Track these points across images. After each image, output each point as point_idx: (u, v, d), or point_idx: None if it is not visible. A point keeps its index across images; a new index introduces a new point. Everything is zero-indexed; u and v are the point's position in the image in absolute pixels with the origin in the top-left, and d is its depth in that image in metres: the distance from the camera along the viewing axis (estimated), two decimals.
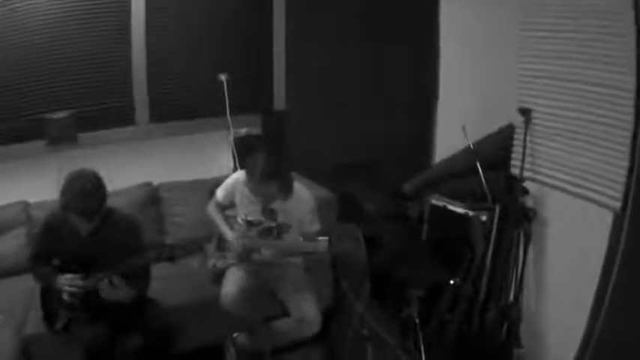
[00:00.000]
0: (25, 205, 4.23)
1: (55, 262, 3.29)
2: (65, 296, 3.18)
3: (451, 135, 4.39)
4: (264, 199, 3.48)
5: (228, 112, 4.67)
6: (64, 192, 3.07)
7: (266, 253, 3.55)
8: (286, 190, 3.47)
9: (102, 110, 4.53)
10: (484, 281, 3.85)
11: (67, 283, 3.16)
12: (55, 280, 3.20)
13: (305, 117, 5.04)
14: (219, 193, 3.71)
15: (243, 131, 4.86)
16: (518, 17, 3.78)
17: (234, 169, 4.61)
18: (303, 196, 3.57)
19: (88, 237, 3.23)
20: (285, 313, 3.63)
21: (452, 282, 3.78)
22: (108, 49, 4.47)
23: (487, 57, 4.36)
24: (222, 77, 4.67)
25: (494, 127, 4.07)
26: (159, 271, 3.46)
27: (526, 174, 3.70)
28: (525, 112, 3.65)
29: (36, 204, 4.24)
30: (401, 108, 5.12)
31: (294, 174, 3.73)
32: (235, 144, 4.71)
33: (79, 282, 3.16)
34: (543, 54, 3.58)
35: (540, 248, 3.77)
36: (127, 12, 4.46)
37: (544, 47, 3.57)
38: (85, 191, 3.05)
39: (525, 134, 3.65)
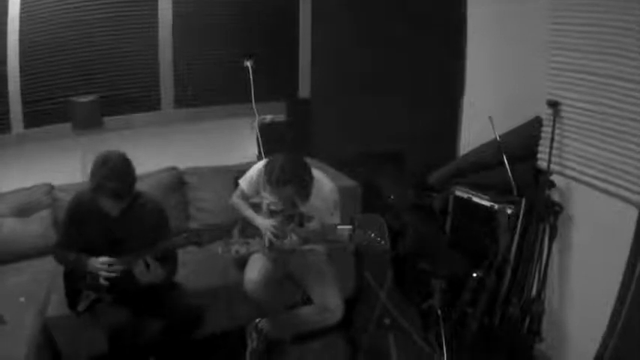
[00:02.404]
0: (50, 188, 4.37)
1: (82, 244, 3.39)
2: (101, 279, 3.29)
3: (477, 127, 4.50)
4: (282, 201, 3.61)
5: (253, 99, 4.82)
6: (94, 173, 3.17)
7: (289, 241, 3.67)
8: (303, 195, 3.55)
9: (128, 95, 4.67)
10: (507, 275, 3.92)
11: (103, 266, 3.28)
12: (86, 262, 3.31)
13: (330, 105, 5.12)
14: (244, 183, 3.82)
15: (267, 118, 4.99)
16: (546, 9, 3.80)
17: (259, 156, 4.79)
18: (325, 191, 3.68)
19: (118, 218, 3.32)
20: (308, 301, 3.75)
21: (475, 275, 3.84)
22: (134, 34, 4.60)
23: (514, 49, 4.38)
24: (248, 63, 4.81)
25: (520, 120, 4.10)
26: (183, 255, 3.59)
27: (553, 167, 3.72)
28: (554, 105, 3.67)
29: (61, 186, 4.38)
30: (427, 98, 5.17)
31: (317, 163, 3.86)
32: (260, 131, 4.86)
33: (116, 265, 3.28)
34: (573, 47, 3.59)
35: (565, 242, 3.79)
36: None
37: (574, 41, 3.58)
38: (116, 172, 3.15)
39: (553, 127, 3.66)
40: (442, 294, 3.92)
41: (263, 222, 3.75)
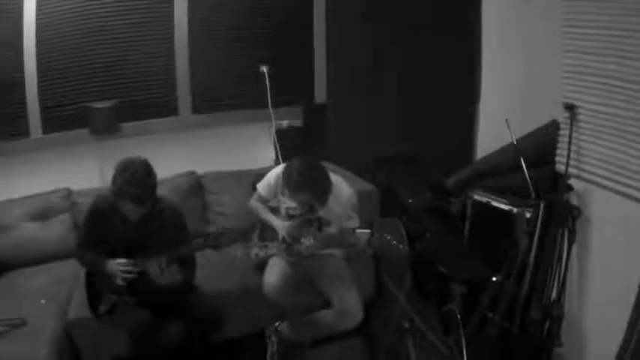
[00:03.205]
0: (69, 192, 4.48)
1: (103, 247, 3.47)
2: (119, 280, 3.37)
3: (493, 130, 4.51)
4: (300, 206, 3.68)
5: (269, 104, 4.89)
6: (116, 178, 3.24)
7: (307, 245, 3.75)
8: (321, 199, 3.61)
9: (145, 100, 4.76)
10: (527, 279, 3.87)
11: (120, 267, 3.36)
12: (105, 264, 3.39)
13: (346, 110, 5.18)
14: (262, 187, 3.91)
15: (284, 123, 5.07)
16: (560, 13, 3.82)
17: (276, 161, 4.86)
18: (344, 195, 3.75)
19: (138, 223, 3.40)
20: (327, 304, 3.79)
21: (494, 279, 3.84)
22: (151, 40, 4.69)
23: (530, 51, 4.41)
24: (264, 69, 4.89)
25: (536, 124, 4.12)
26: (203, 258, 3.66)
27: (571, 170, 3.72)
28: (570, 108, 3.69)
29: (79, 191, 4.48)
30: (443, 102, 5.20)
31: (334, 167, 3.91)
32: (277, 136, 4.93)
33: (132, 267, 3.36)
34: (588, 50, 3.61)
35: (584, 246, 3.79)
36: (170, 4, 4.67)
37: (588, 43, 3.60)
38: (137, 178, 3.22)
39: (571, 130, 3.68)
40: (461, 298, 3.96)
41: (280, 223, 3.82)
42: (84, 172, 4.60)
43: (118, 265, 3.37)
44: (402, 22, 5.11)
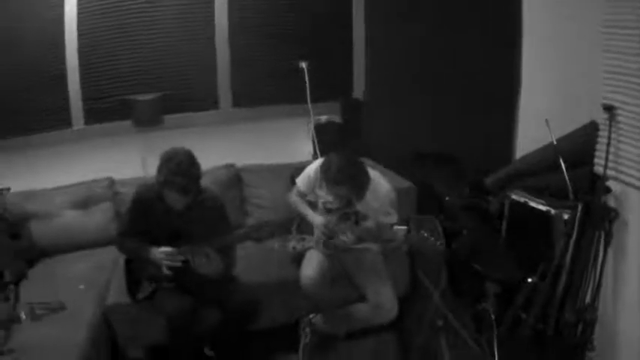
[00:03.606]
0: (111, 182, 4.60)
1: (145, 235, 3.56)
2: (164, 269, 3.46)
3: (533, 130, 4.49)
4: (337, 199, 3.71)
5: (308, 99, 4.95)
6: (161, 169, 3.33)
7: (344, 238, 3.79)
8: (358, 193, 3.64)
9: (187, 94, 4.88)
10: (562, 281, 3.84)
11: (163, 256, 3.45)
12: (148, 252, 3.48)
13: (384, 106, 5.21)
14: (301, 182, 3.94)
15: (323, 118, 5.13)
16: (601, 12, 3.78)
17: (314, 156, 4.91)
18: (382, 191, 3.77)
19: (182, 212, 3.48)
20: (362, 299, 3.82)
21: (529, 280, 3.84)
22: (193, 35, 4.82)
23: (570, 51, 4.38)
24: (303, 65, 4.95)
25: (576, 124, 4.10)
26: (241, 250, 3.72)
27: (609, 173, 3.69)
28: (610, 109, 3.65)
29: (121, 181, 4.60)
30: (482, 100, 5.18)
31: (372, 163, 3.95)
32: (315, 131, 4.98)
33: (177, 255, 3.44)
34: (628, 50, 3.56)
35: (620, 250, 3.75)
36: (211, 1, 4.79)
37: (628, 44, 3.55)
38: (183, 168, 3.31)
39: (610, 132, 3.63)
40: (496, 297, 3.94)
41: (317, 217, 3.87)
42: (126, 162, 4.73)
43: (162, 254, 3.45)
44: (441, 20, 5.12)
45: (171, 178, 3.30)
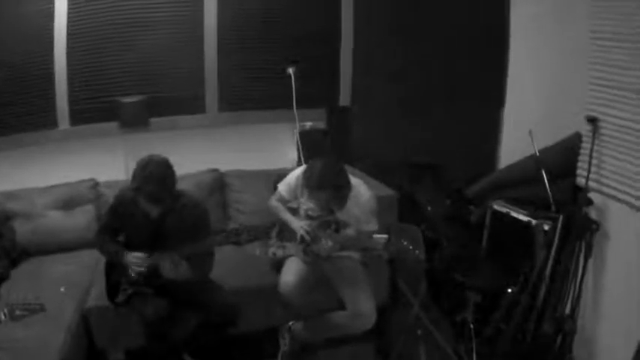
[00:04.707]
0: (95, 183, 4.60)
1: (122, 238, 3.61)
2: (131, 272, 3.47)
3: (516, 140, 4.53)
4: (319, 205, 3.73)
5: (294, 105, 4.97)
6: (136, 176, 3.35)
7: (324, 246, 3.80)
8: (340, 201, 3.68)
9: (174, 97, 4.87)
10: (542, 291, 3.89)
11: (134, 260, 3.46)
12: (123, 256, 3.50)
13: (370, 114, 5.24)
14: (282, 188, 3.96)
15: (308, 125, 5.12)
16: (587, 24, 3.83)
17: (298, 162, 4.92)
18: (363, 198, 3.78)
19: (157, 219, 3.50)
20: (341, 307, 3.80)
21: (509, 290, 3.88)
22: (181, 38, 4.81)
23: (555, 63, 4.43)
24: (290, 70, 4.96)
25: (559, 136, 4.14)
26: (221, 254, 3.73)
27: (591, 184, 3.73)
28: (593, 121, 3.70)
29: (105, 182, 4.60)
30: (467, 110, 5.22)
31: (355, 171, 3.96)
32: (300, 137, 4.99)
33: (144, 260, 3.45)
34: (614, 63, 3.62)
35: (600, 261, 3.80)
36: (200, 3, 4.79)
37: (614, 57, 3.61)
38: (155, 178, 3.32)
39: (592, 144, 3.68)
40: (476, 307, 3.96)
41: (298, 223, 3.87)
42: (111, 164, 4.73)
43: (133, 258, 3.47)
44: (428, 31, 5.16)
45: (143, 187, 3.33)
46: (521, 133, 4.15)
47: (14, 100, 4.46)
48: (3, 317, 3.06)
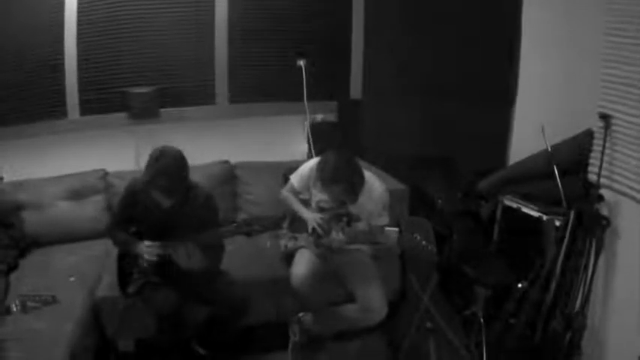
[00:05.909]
0: (105, 174, 4.63)
1: (134, 228, 3.63)
2: (143, 262, 3.50)
3: (528, 136, 4.53)
4: (332, 198, 3.74)
5: (305, 98, 5.00)
6: (148, 167, 3.37)
7: (336, 239, 3.83)
8: (352, 195, 3.67)
9: (184, 88, 4.90)
10: (552, 287, 3.88)
11: (146, 249, 3.48)
12: (135, 245, 3.53)
13: (381, 107, 5.24)
14: (295, 178, 3.97)
15: (319, 117, 5.17)
16: (599, 21, 3.83)
17: (309, 154, 4.97)
18: (376, 192, 3.80)
19: (169, 210, 3.52)
20: (351, 300, 3.85)
21: (520, 285, 3.88)
22: (193, 30, 4.84)
23: (568, 59, 4.41)
24: (301, 63, 5.00)
25: (572, 131, 4.12)
26: (232, 245, 3.77)
27: (603, 181, 3.73)
28: (605, 118, 3.70)
29: (115, 173, 4.63)
30: (479, 104, 5.15)
31: (365, 164, 3.97)
32: (311, 129, 5.03)
33: (157, 249, 3.47)
34: (627, 60, 3.61)
35: (610, 258, 3.81)
36: None
37: (627, 54, 3.60)
38: (168, 169, 3.34)
39: (605, 140, 3.69)
40: (485, 302, 3.96)
41: (310, 215, 3.89)
42: (120, 154, 4.78)
43: (145, 247, 3.49)
44: (439, 24, 5.14)
45: (156, 179, 3.35)
46: (533, 128, 4.15)
47: (24, 91, 4.48)
48: (14, 309, 3.08)
